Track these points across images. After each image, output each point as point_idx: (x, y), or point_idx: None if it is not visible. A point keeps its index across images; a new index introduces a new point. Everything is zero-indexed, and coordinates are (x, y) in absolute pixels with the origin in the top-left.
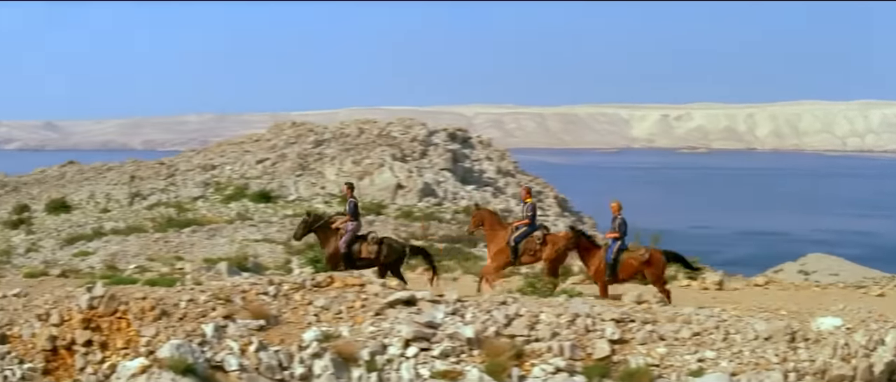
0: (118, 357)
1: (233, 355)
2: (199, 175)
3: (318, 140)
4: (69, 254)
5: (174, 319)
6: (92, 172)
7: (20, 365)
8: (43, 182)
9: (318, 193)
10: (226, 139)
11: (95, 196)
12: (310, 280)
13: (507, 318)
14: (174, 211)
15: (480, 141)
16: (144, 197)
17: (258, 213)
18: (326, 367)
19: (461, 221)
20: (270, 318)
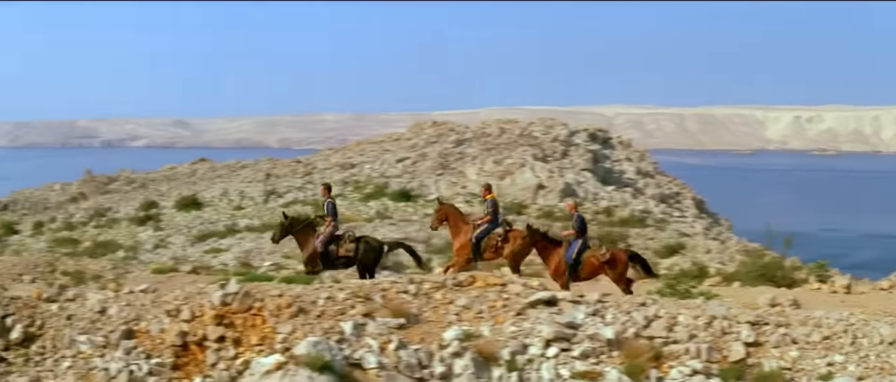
0: (252, 353)
1: (372, 353)
2: (337, 173)
3: (459, 139)
4: (200, 251)
5: (312, 316)
6: (225, 170)
7: (147, 360)
8: (173, 179)
9: (458, 192)
10: (365, 138)
11: (229, 193)
12: (451, 279)
13: (647, 320)
14: (311, 210)
15: (621, 141)
16: (280, 194)
17: (398, 212)
18: (467, 366)
19: (602, 222)
20: (411, 317)
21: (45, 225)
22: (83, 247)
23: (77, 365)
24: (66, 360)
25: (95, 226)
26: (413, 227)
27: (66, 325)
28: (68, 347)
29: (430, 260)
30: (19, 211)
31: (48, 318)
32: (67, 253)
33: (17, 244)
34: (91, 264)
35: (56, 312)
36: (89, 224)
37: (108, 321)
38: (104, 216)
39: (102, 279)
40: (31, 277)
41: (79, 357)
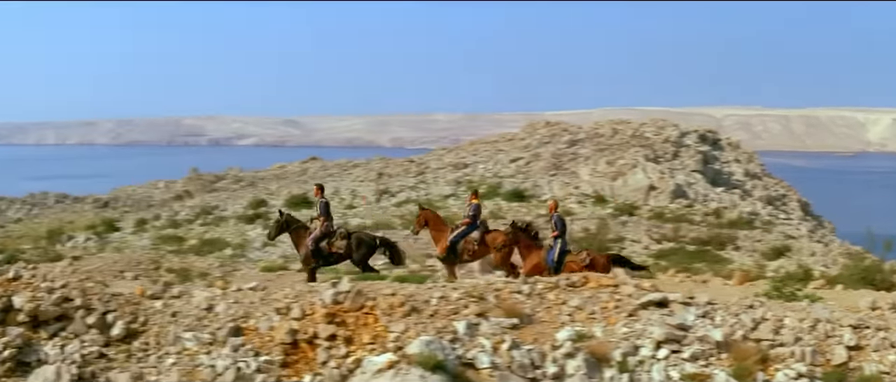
0: (364, 352)
1: (485, 352)
2: (450, 173)
3: (572, 140)
4: None
5: (424, 316)
6: (336, 169)
7: (256, 358)
8: (282, 177)
9: (571, 193)
10: (478, 138)
11: (340, 192)
12: (564, 279)
13: (754, 322)
14: None
15: (729, 143)
16: (393, 193)
17: (511, 212)
18: (579, 367)
19: (711, 224)
20: (524, 317)
21: (148, 222)
22: (189, 245)
23: (182, 362)
24: (171, 357)
25: (201, 224)
26: None
27: (171, 322)
28: (173, 344)
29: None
30: (120, 209)
31: (152, 315)
32: (172, 250)
33: (119, 241)
34: (197, 261)
35: (160, 309)
36: (195, 222)
37: (216, 318)
38: (211, 214)
39: (209, 276)
40: (134, 274)
41: (184, 353)
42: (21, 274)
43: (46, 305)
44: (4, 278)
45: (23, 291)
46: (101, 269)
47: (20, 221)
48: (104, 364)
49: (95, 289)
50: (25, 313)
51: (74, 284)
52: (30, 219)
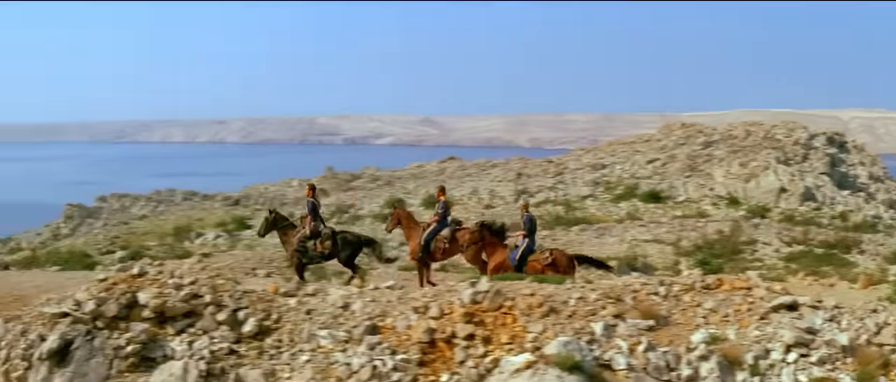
0: (502, 351)
1: (621, 354)
2: (588, 173)
3: (706, 141)
4: None
5: (563, 316)
6: (474, 168)
7: (392, 356)
8: (420, 176)
9: (706, 195)
10: (616, 138)
11: (478, 191)
12: (699, 281)
13: (877, 326)
14: (562, 209)
15: (855, 145)
16: (531, 194)
17: (648, 213)
18: (712, 370)
19: (837, 227)
20: (660, 319)
21: None
22: None
23: (316, 359)
24: (305, 354)
25: (337, 223)
26: (662, 229)
27: (306, 320)
28: (307, 341)
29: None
30: (252, 207)
31: (285, 312)
32: None
33: (250, 239)
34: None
35: (294, 307)
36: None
37: (352, 316)
38: (346, 213)
39: (344, 275)
40: (266, 271)
41: (318, 351)
42: (146, 271)
43: (174, 301)
44: (129, 274)
45: (149, 287)
46: (231, 266)
47: (145, 218)
48: (234, 360)
49: (226, 286)
50: (151, 309)
51: (204, 281)
52: (155, 216)
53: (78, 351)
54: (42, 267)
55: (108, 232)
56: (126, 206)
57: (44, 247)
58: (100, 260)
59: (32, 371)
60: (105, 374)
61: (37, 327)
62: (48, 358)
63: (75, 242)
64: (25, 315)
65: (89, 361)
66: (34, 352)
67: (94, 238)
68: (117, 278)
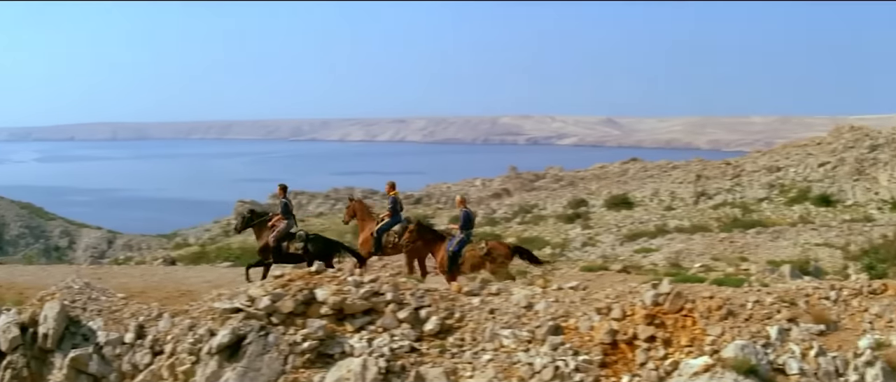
0: (681, 354)
1: (794, 358)
2: (763, 176)
3: (872, 145)
4: (630, 250)
5: (740, 319)
6: (656, 170)
7: (574, 357)
8: (602, 177)
9: (871, 199)
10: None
11: (659, 193)
12: (866, 286)
13: None
14: (739, 212)
15: None
16: (710, 196)
17: (819, 217)
18: (877, 376)
19: None
20: (830, 323)
21: None
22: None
23: (499, 359)
24: (487, 353)
25: (520, 223)
26: (832, 232)
27: (489, 319)
28: (490, 340)
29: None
30: (433, 205)
31: (469, 311)
32: None
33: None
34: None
35: (477, 306)
36: (513, 220)
37: (535, 316)
38: (530, 212)
39: (528, 275)
40: None
41: (501, 350)
42: (324, 268)
43: (353, 299)
44: (306, 271)
45: (327, 284)
46: None
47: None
48: (415, 358)
49: (408, 284)
50: (329, 306)
51: (385, 278)
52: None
53: (250, 346)
54: (211, 262)
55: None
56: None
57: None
58: None
59: (200, 365)
60: (279, 370)
61: (206, 322)
62: (218, 353)
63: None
64: (193, 309)
65: (263, 356)
66: (203, 347)
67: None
68: (294, 274)
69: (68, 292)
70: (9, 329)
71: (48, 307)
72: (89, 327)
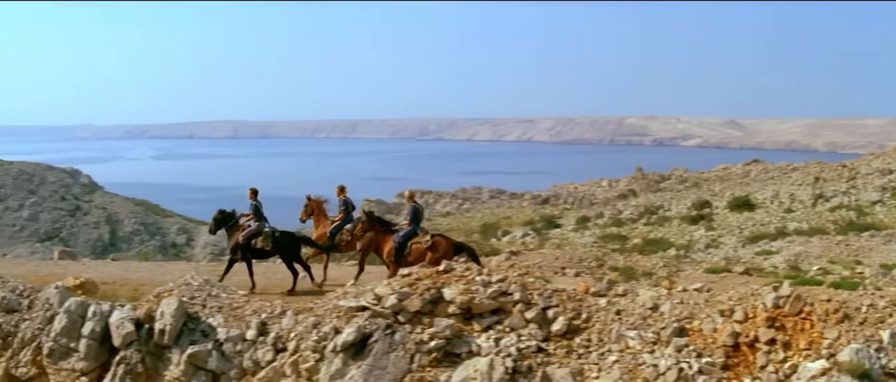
0: (799, 357)
1: None
2: (877, 179)
3: None
4: (751, 252)
5: (855, 323)
6: (776, 172)
7: (698, 359)
8: (725, 179)
9: None
10: None
11: (779, 195)
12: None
13: None
14: (854, 215)
15: None
16: (827, 198)
17: None
18: None
19: None
20: None
21: (590, 220)
22: (632, 244)
23: (624, 360)
24: (613, 354)
25: (645, 224)
26: None
27: (615, 320)
28: (616, 341)
29: None
30: (560, 206)
31: (595, 312)
32: (616, 249)
33: (558, 237)
34: (642, 260)
35: (604, 306)
36: (639, 221)
37: (660, 318)
38: (655, 214)
39: (654, 276)
40: (575, 271)
41: (626, 351)
42: (452, 267)
43: (481, 298)
44: (434, 270)
45: (455, 283)
46: (540, 265)
47: (449, 215)
48: (542, 358)
49: (536, 284)
50: (457, 305)
51: (513, 278)
52: (460, 213)
53: (376, 345)
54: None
55: None
56: (429, 203)
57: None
58: None
59: (325, 362)
60: (405, 368)
61: (331, 320)
62: (343, 351)
63: None
64: (318, 307)
65: (389, 355)
66: (327, 345)
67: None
68: (421, 273)
69: (187, 288)
70: (123, 325)
71: (165, 303)
72: (209, 323)
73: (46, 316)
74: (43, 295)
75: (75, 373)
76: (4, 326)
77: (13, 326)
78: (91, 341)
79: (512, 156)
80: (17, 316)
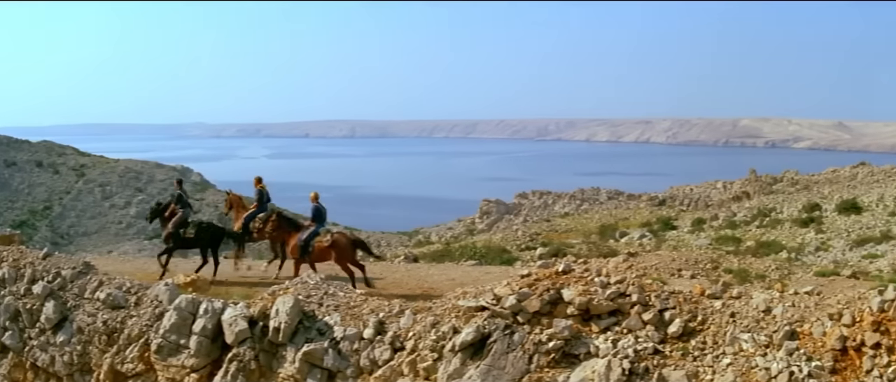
0: None
1: None
2: None
3: None
4: (858, 256)
5: None
6: (881, 174)
7: (808, 362)
8: (834, 182)
9: None
10: None
11: (884, 198)
12: None
13: None
14: None
15: None
16: None
17: None
18: None
19: None
20: None
21: (705, 222)
22: (745, 246)
23: (737, 363)
24: (727, 357)
25: (758, 226)
26: None
27: (729, 323)
28: (730, 344)
29: None
30: (677, 207)
31: (710, 314)
32: (730, 251)
33: (674, 239)
34: (755, 263)
35: (719, 309)
36: (752, 223)
37: (773, 321)
38: (767, 216)
39: (767, 279)
40: (691, 273)
41: (740, 355)
42: (571, 268)
43: (600, 299)
44: (552, 271)
45: (574, 285)
46: (657, 266)
47: (567, 216)
48: (658, 360)
49: (653, 286)
50: (576, 306)
51: (631, 280)
52: (579, 214)
53: (495, 345)
54: (455, 260)
55: (527, 229)
56: (548, 204)
57: (456, 241)
58: (518, 255)
59: (443, 362)
60: (524, 369)
61: (449, 319)
62: (461, 351)
63: (492, 237)
64: (437, 307)
65: (507, 355)
66: (446, 344)
67: (513, 233)
68: (541, 274)
69: (302, 287)
70: (236, 322)
71: (281, 301)
72: (325, 322)
73: (155, 313)
74: (151, 292)
75: (185, 370)
76: (110, 322)
77: (119, 322)
78: (202, 338)
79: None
80: (124, 312)
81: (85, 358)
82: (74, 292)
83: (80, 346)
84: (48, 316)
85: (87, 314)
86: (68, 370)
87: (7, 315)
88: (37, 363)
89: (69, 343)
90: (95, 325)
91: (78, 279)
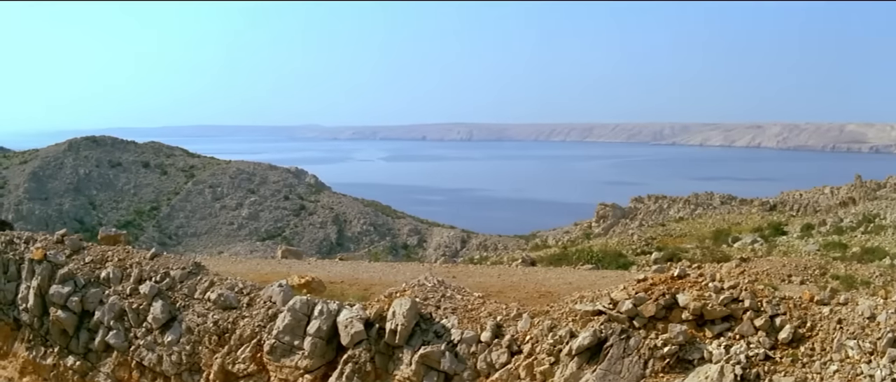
0: None
1: None
2: None
3: None
4: None
5: None
6: None
7: None
8: None
9: None
10: None
11: None
12: None
13: None
14: None
15: None
16: None
17: None
18: None
19: None
20: None
21: (814, 227)
22: (851, 252)
23: (843, 370)
24: (834, 364)
25: (863, 232)
26: None
27: (837, 329)
28: (837, 351)
29: None
30: (787, 213)
31: (819, 321)
32: (837, 257)
33: (785, 245)
34: (860, 269)
35: (827, 315)
36: (857, 229)
37: (877, 327)
38: (872, 222)
39: (871, 285)
40: (801, 278)
41: (846, 361)
42: (686, 273)
43: (713, 304)
44: (668, 275)
45: (688, 290)
46: (768, 272)
47: (682, 220)
48: (769, 366)
49: (765, 292)
50: (690, 311)
51: (744, 285)
52: (693, 219)
53: (612, 349)
54: (572, 264)
55: (643, 233)
56: (663, 208)
57: (573, 245)
58: (634, 260)
59: (559, 366)
60: (639, 373)
61: (566, 323)
62: (578, 355)
63: (608, 241)
64: (554, 311)
65: (623, 360)
66: (562, 348)
67: (629, 238)
68: (656, 278)
69: (420, 289)
70: (352, 324)
71: (398, 303)
72: (442, 324)
73: (268, 314)
74: (265, 293)
75: (298, 371)
76: (221, 323)
77: (230, 323)
78: (317, 339)
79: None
80: (235, 312)
81: (194, 358)
82: (184, 292)
83: (189, 346)
84: (156, 316)
85: (196, 314)
86: (176, 369)
87: (112, 314)
88: (143, 362)
89: (178, 342)
90: (206, 325)
91: (187, 279)
